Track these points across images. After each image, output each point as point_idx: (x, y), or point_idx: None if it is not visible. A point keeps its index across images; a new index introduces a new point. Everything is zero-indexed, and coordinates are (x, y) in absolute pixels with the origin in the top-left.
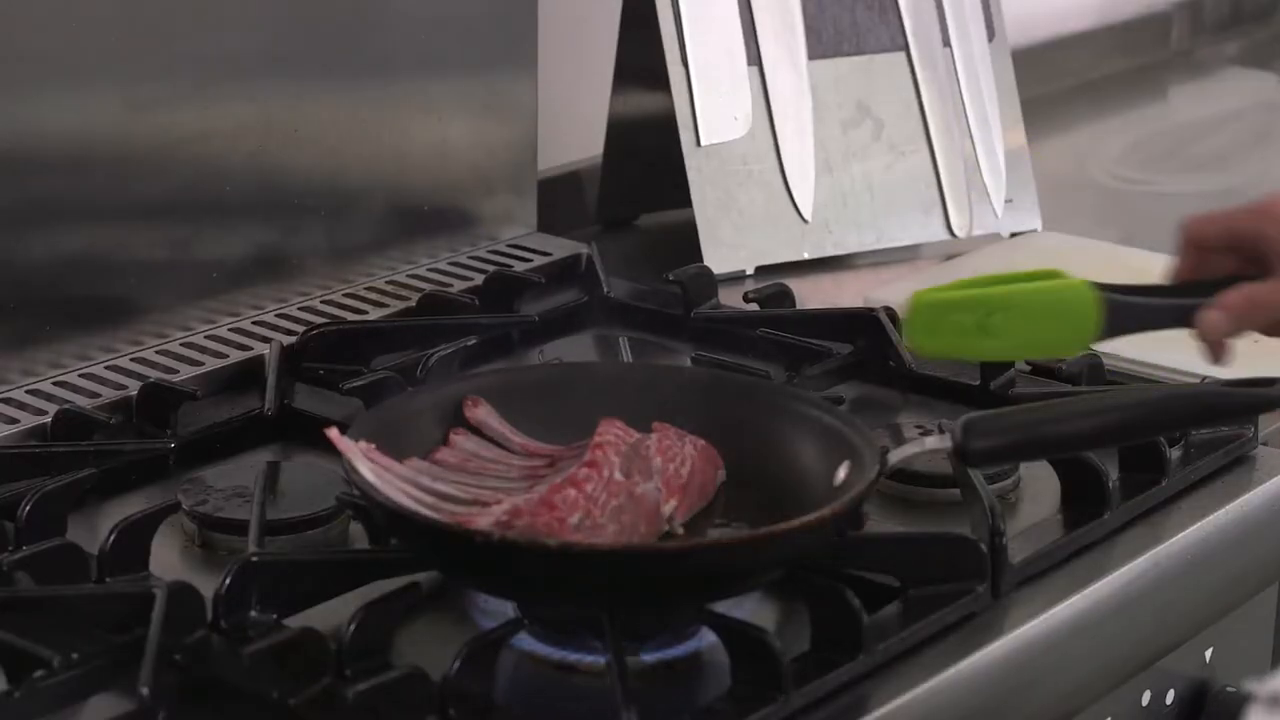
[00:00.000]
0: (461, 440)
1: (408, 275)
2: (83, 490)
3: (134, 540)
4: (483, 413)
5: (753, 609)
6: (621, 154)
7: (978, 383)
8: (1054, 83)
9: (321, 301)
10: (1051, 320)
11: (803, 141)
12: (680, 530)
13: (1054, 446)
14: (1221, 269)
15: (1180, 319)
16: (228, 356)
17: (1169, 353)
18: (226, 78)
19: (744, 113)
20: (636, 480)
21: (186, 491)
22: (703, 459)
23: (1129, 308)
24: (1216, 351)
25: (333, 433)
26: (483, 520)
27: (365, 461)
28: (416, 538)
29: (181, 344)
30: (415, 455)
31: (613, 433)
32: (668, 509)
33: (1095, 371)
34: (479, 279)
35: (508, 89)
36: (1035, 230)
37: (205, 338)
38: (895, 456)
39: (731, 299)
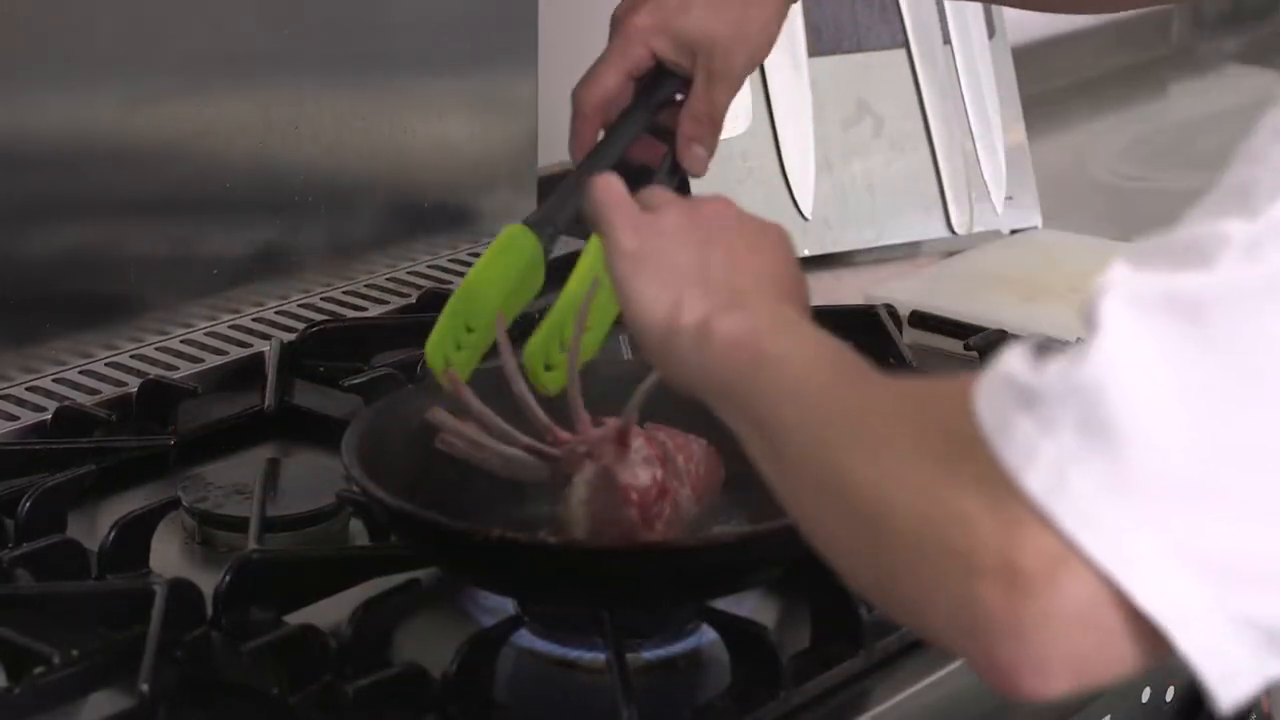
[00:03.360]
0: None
1: (408, 272)
2: (83, 487)
3: (134, 537)
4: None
5: (753, 606)
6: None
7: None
8: (1054, 80)
9: (322, 298)
10: (514, 272)
11: (803, 139)
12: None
13: None
14: (621, 107)
15: (672, 176)
16: (228, 353)
17: None
18: (226, 74)
19: (744, 110)
20: (676, 486)
21: (186, 488)
22: (709, 459)
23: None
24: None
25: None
26: (623, 477)
27: (476, 399)
28: (416, 535)
29: (182, 341)
30: (411, 460)
31: (665, 433)
32: (694, 512)
33: None
34: None
35: (508, 85)
36: (1035, 227)
37: (205, 334)
38: None
39: None
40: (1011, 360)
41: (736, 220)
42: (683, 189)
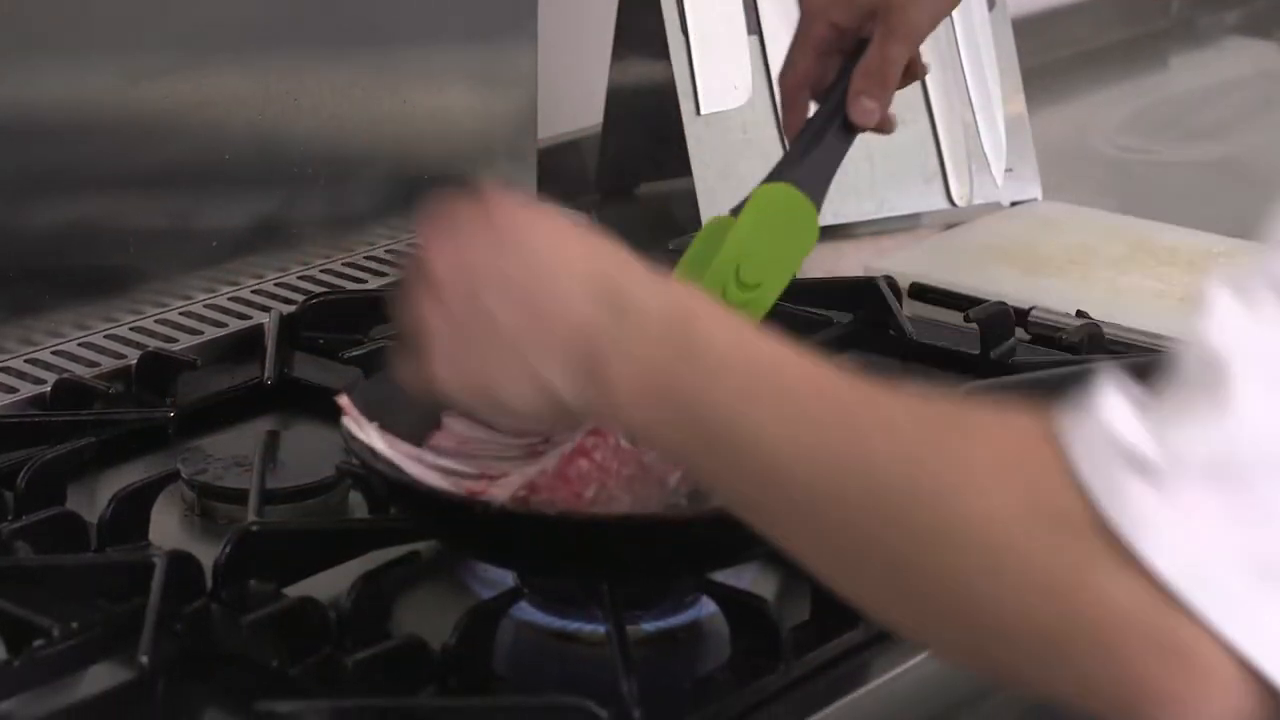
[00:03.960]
0: (453, 423)
1: (407, 244)
2: (82, 459)
3: (133, 509)
4: None
5: (753, 578)
6: (621, 123)
7: (978, 351)
8: (1054, 52)
9: (321, 270)
10: (780, 234)
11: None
12: (684, 500)
13: None
14: (826, 83)
15: (845, 135)
16: (227, 325)
17: (1171, 320)
18: (225, 46)
19: (744, 81)
20: (643, 449)
21: (186, 460)
22: None
23: (813, 171)
24: (885, 126)
25: (344, 400)
26: (498, 493)
27: (376, 430)
28: (416, 507)
29: (181, 313)
30: (412, 434)
31: None
32: (674, 478)
33: (1095, 340)
34: None
35: (507, 57)
36: (1035, 199)
37: (204, 307)
38: None
39: None
40: (1112, 415)
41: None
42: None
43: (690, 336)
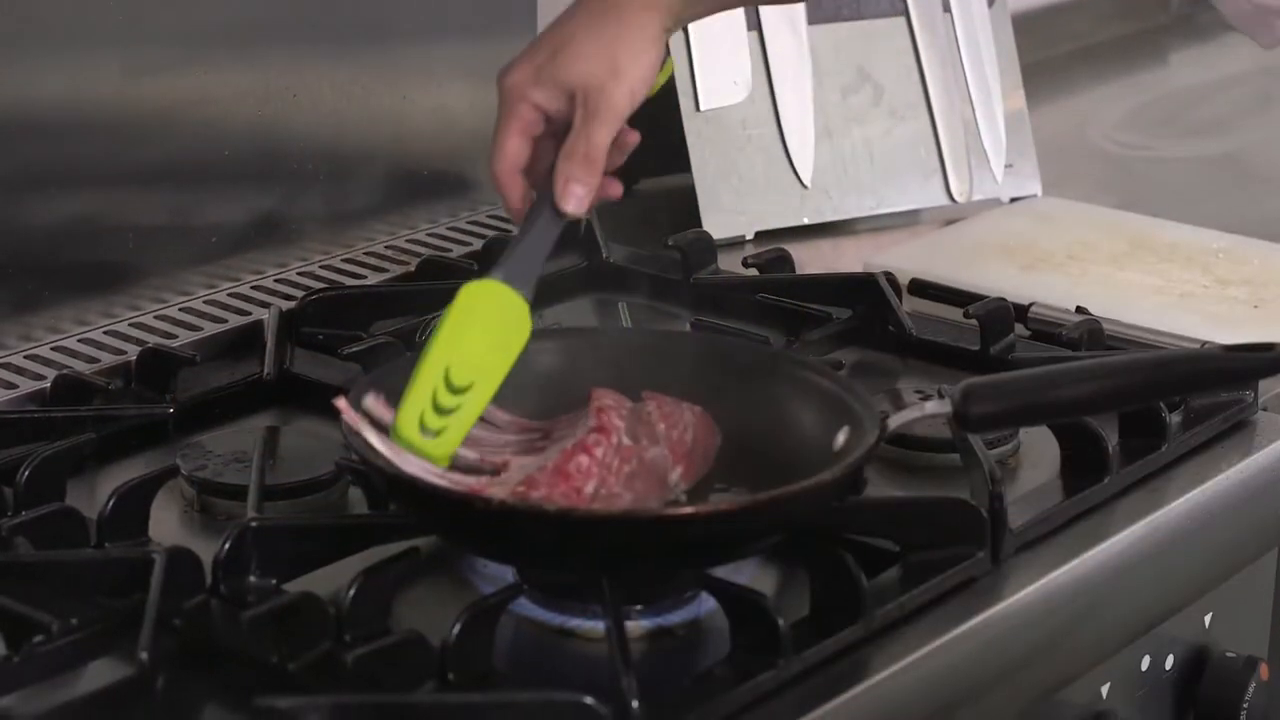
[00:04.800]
0: None
1: (407, 240)
2: (82, 455)
3: (133, 505)
4: None
5: (752, 574)
6: None
7: (977, 348)
8: (1054, 47)
9: (320, 266)
10: (492, 330)
11: (802, 106)
12: (683, 496)
13: (1054, 412)
14: (543, 162)
15: (558, 220)
16: (226, 321)
17: (1169, 317)
18: (225, 43)
19: (744, 78)
20: (645, 445)
21: (185, 456)
22: (702, 425)
23: (521, 262)
24: (610, 195)
25: (341, 403)
26: (497, 490)
27: (373, 430)
28: (416, 503)
29: (180, 309)
30: None
31: (611, 398)
32: (674, 475)
33: (1095, 336)
34: (478, 244)
35: (507, 54)
36: (1035, 195)
37: (204, 303)
38: (895, 421)
39: (731, 264)
40: None
41: None
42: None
43: None
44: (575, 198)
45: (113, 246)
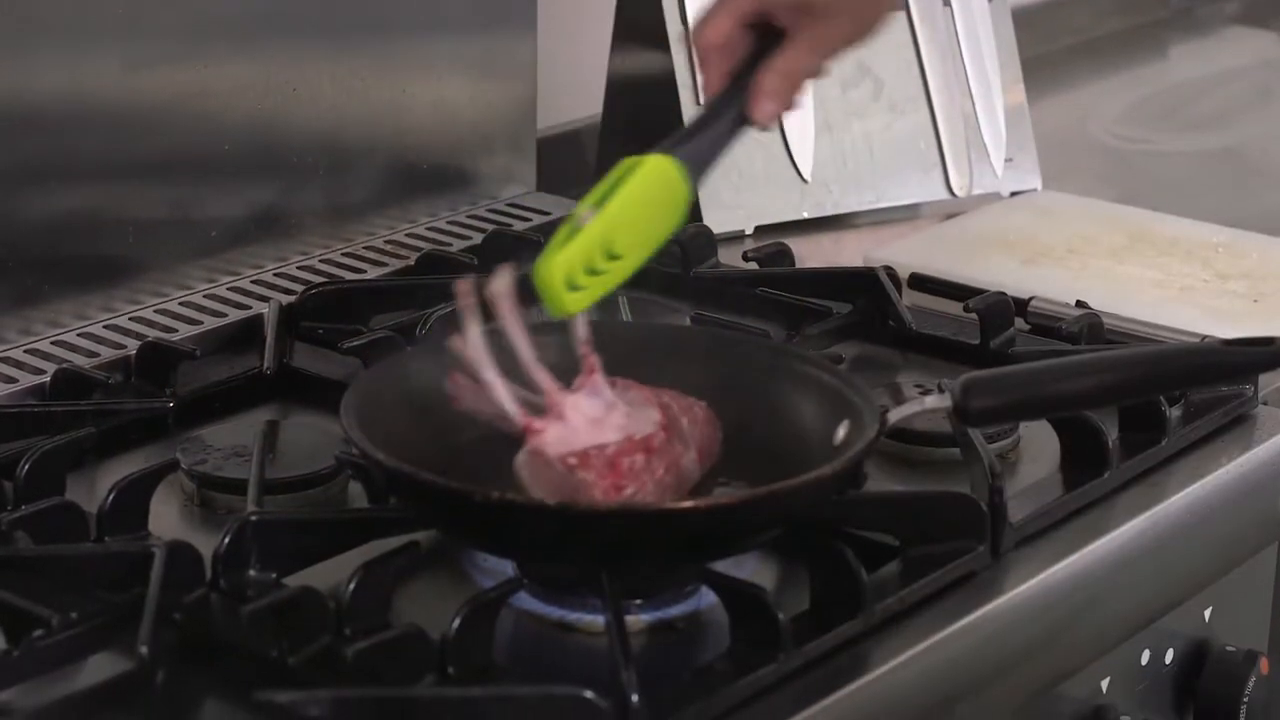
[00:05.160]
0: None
1: (407, 234)
2: (81, 449)
3: (133, 499)
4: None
5: (753, 568)
6: (621, 113)
7: (977, 342)
8: (1054, 41)
9: (320, 260)
10: (655, 205)
11: (802, 101)
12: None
13: (1054, 405)
14: (745, 52)
15: (738, 126)
16: (226, 315)
17: (1169, 311)
18: (225, 36)
19: None
20: (680, 450)
21: (185, 450)
22: (708, 423)
23: (699, 151)
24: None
25: (462, 286)
26: (553, 446)
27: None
28: (416, 497)
29: (180, 303)
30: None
31: (670, 397)
32: (696, 478)
33: (1095, 330)
34: (478, 238)
35: (507, 47)
36: (1035, 189)
37: (204, 297)
38: (895, 415)
39: (731, 258)
40: None
41: None
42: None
43: None
44: (768, 112)
45: (112, 240)
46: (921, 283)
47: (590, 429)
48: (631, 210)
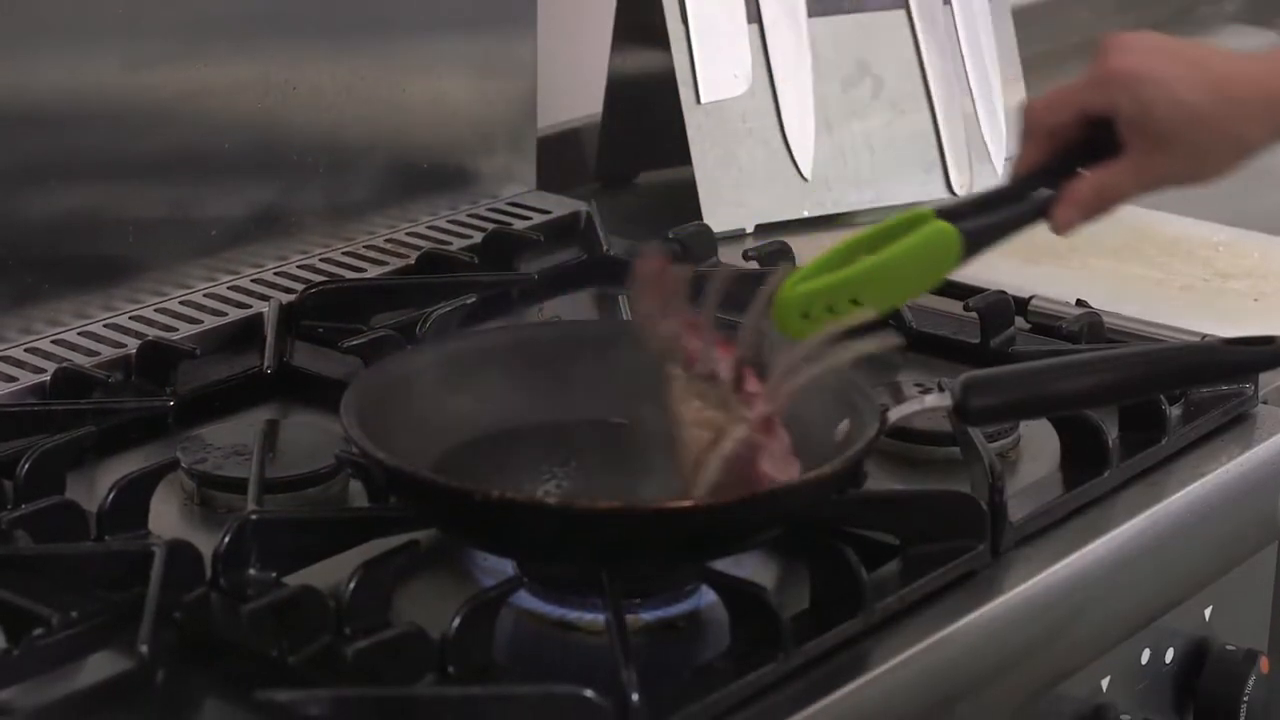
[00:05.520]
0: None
1: (407, 233)
2: (82, 448)
3: (133, 498)
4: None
5: (753, 567)
6: (621, 112)
7: (977, 341)
8: (1055, 40)
9: (321, 259)
10: (919, 268)
11: (803, 99)
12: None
13: (1054, 404)
14: (1071, 144)
15: (1032, 218)
16: (227, 314)
17: (1170, 311)
18: (225, 35)
19: (744, 70)
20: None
21: (185, 449)
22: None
23: (985, 229)
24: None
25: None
26: (767, 464)
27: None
28: (416, 496)
29: (180, 302)
30: (410, 422)
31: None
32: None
33: (1095, 329)
34: (478, 237)
35: (507, 46)
36: None
37: (204, 296)
38: (895, 414)
39: (731, 257)
40: None
41: None
42: None
43: None
44: (1069, 220)
45: (112, 240)
46: None
47: (782, 463)
48: (896, 268)
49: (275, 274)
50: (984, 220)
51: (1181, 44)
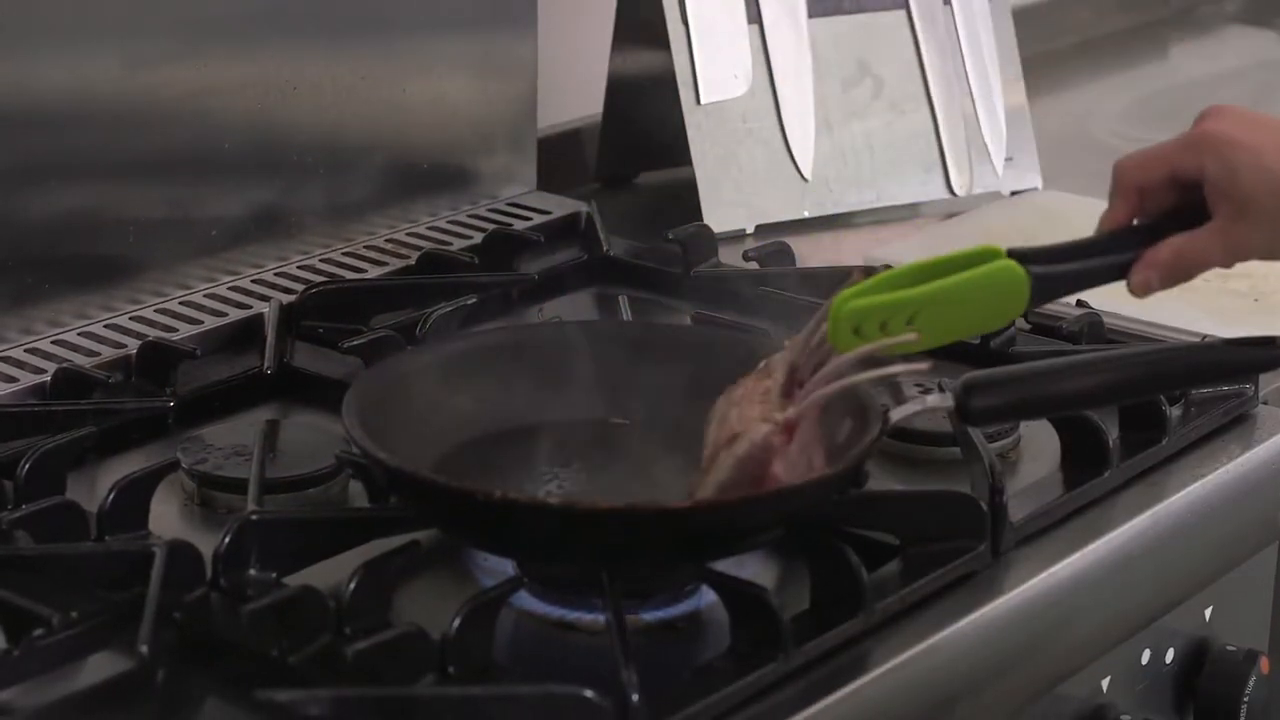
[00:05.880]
0: None
1: (407, 233)
2: (82, 449)
3: (133, 499)
4: None
5: (753, 568)
6: (621, 112)
7: (978, 341)
8: (1055, 41)
9: (321, 260)
10: (980, 305)
11: (803, 100)
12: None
13: (1054, 405)
14: (1159, 206)
15: (1109, 276)
16: (227, 315)
17: (1170, 311)
18: (225, 35)
19: (744, 71)
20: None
21: (186, 450)
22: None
23: (1057, 277)
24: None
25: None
26: (779, 467)
27: None
28: (416, 496)
29: (180, 302)
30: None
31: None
32: None
33: (1095, 330)
34: (478, 237)
35: (507, 46)
36: (1035, 189)
37: (204, 296)
38: (896, 415)
39: (731, 257)
40: None
41: None
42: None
43: None
44: (1147, 283)
45: (113, 240)
46: None
47: (796, 467)
48: (957, 299)
49: (275, 274)
50: (1058, 268)
51: (1277, 119)
